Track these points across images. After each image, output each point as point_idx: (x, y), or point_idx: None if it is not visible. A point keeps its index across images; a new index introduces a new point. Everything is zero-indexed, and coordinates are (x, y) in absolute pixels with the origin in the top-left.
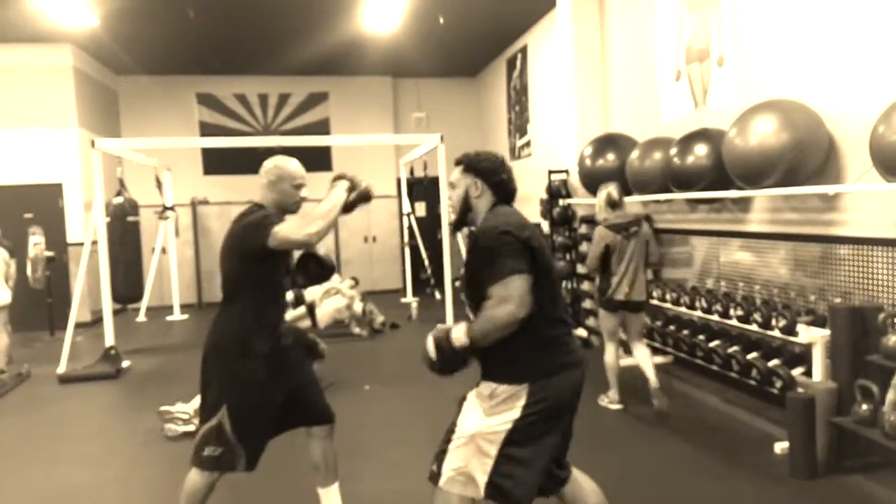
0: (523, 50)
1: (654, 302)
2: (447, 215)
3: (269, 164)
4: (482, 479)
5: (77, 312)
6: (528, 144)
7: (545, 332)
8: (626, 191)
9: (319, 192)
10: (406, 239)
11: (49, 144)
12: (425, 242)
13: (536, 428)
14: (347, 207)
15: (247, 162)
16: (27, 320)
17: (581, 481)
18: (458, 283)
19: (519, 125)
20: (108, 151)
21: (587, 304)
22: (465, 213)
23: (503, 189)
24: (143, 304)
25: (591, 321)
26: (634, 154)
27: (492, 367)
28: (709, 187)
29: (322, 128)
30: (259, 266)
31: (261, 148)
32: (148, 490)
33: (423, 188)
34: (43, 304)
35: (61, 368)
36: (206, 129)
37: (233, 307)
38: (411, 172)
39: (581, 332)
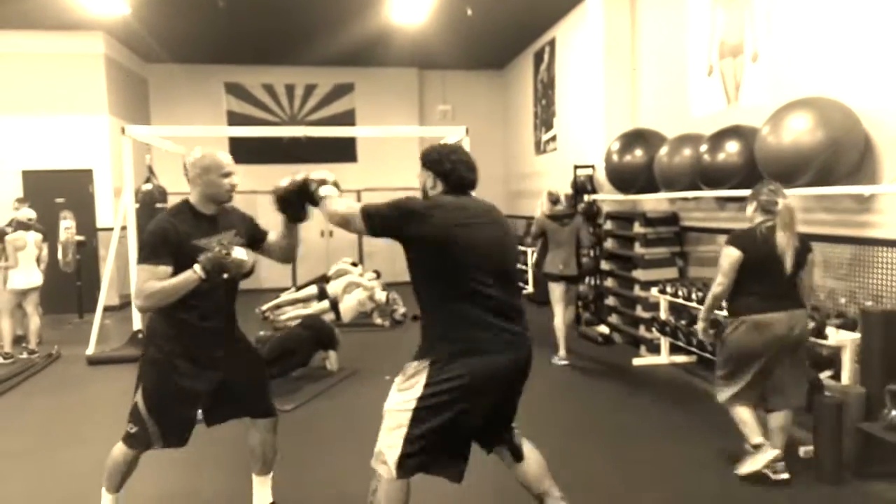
0: (551, 43)
1: (680, 301)
2: None
3: (192, 156)
4: (393, 458)
5: (106, 296)
6: (553, 139)
7: (459, 315)
8: (654, 187)
9: (343, 184)
10: None
11: (80, 131)
12: None
13: (442, 408)
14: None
15: (273, 152)
16: (57, 303)
17: (527, 452)
18: None
19: (545, 119)
20: (138, 138)
21: (610, 300)
22: None
23: (453, 178)
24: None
25: (613, 318)
26: (663, 150)
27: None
28: (739, 185)
29: (347, 119)
30: None
31: (286, 138)
32: (173, 469)
33: None
34: (73, 287)
35: (90, 350)
36: (234, 119)
37: None
38: None
39: (602, 328)
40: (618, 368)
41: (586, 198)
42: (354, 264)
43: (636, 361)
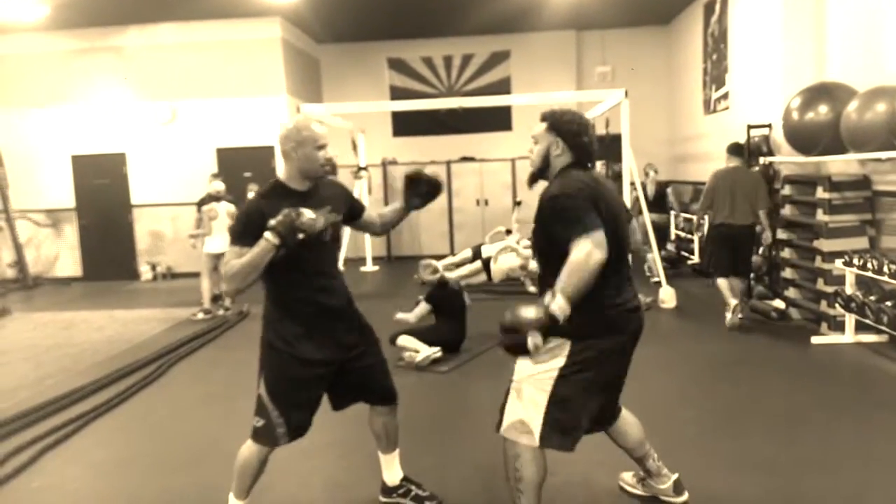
0: None
1: (869, 274)
2: (633, 177)
3: (285, 130)
4: (537, 427)
5: None
6: (725, 97)
7: (600, 290)
8: (841, 148)
9: (498, 152)
10: None
11: (263, 111)
12: None
13: (583, 375)
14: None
15: (431, 123)
16: None
17: (625, 415)
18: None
19: (716, 76)
20: (312, 116)
21: (787, 273)
22: (542, 170)
23: (583, 151)
24: (341, 256)
25: (791, 291)
26: (852, 106)
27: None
28: None
29: (503, 87)
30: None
31: (444, 109)
32: (356, 419)
33: (603, 146)
34: None
35: None
36: (396, 93)
37: (267, 282)
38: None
39: (777, 302)
40: (794, 346)
41: (761, 160)
42: (509, 231)
43: (815, 340)
